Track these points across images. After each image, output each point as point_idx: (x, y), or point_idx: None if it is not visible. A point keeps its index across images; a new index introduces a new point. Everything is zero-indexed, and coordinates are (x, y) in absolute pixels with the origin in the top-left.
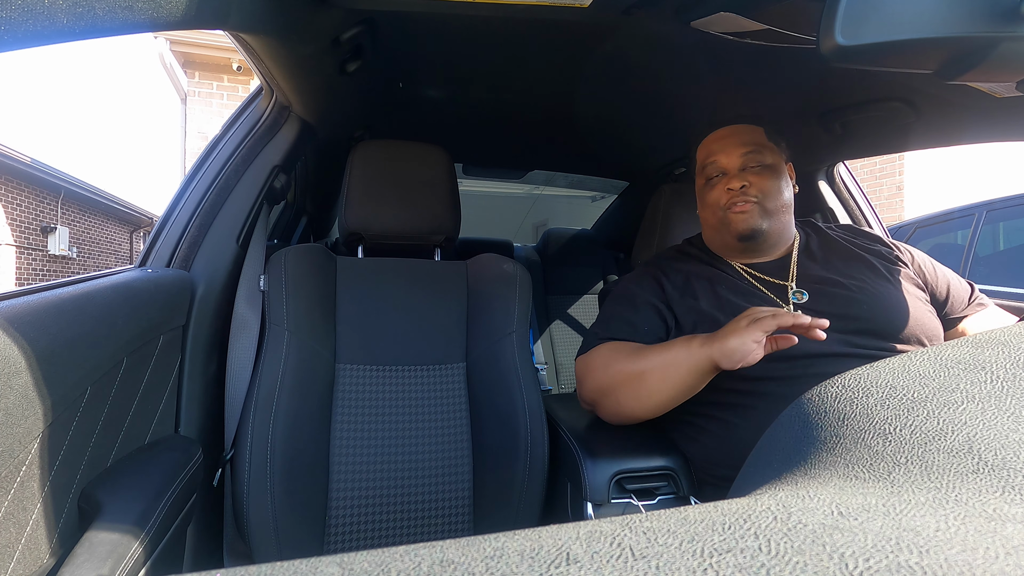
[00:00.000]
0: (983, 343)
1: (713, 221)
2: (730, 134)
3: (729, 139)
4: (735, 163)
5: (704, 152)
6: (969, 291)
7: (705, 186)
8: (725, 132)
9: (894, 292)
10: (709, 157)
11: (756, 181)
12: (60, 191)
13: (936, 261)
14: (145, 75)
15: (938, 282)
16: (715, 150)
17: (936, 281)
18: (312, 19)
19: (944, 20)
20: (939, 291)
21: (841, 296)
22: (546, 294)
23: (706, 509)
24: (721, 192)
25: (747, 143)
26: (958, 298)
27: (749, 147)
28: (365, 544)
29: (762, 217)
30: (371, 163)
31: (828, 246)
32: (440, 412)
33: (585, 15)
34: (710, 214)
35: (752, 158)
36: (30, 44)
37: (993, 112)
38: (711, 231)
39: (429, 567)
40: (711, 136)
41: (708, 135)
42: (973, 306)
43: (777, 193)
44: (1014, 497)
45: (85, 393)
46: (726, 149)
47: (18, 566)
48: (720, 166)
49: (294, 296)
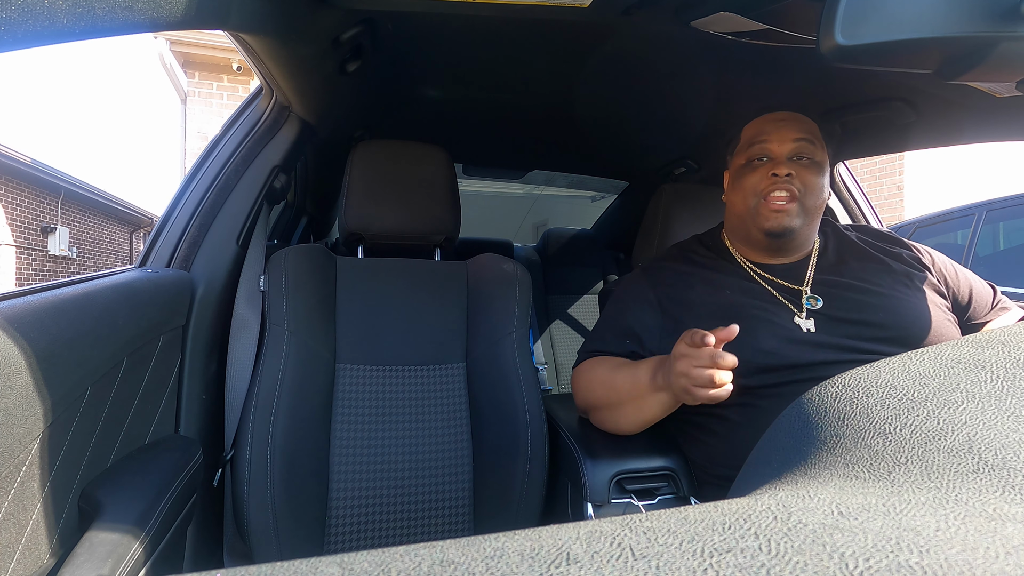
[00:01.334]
0: (983, 343)
1: (742, 208)
2: (788, 118)
3: (786, 123)
4: (786, 150)
5: (755, 131)
6: (992, 294)
7: (745, 167)
8: (782, 116)
9: (912, 298)
10: (760, 136)
11: (802, 174)
12: (60, 191)
13: (957, 263)
14: (145, 75)
15: (960, 286)
16: (768, 131)
17: (958, 285)
18: (312, 19)
19: (944, 20)
20: (961, 295)
21: (857, 301)
22: (546, 294)
23: (706, 509)
24: (762, 177)
25: (803, 132)
26: (980, 302)
27: (804, 136)
28: (365, 544)
29: (799, 216)
30: (371, 163)
31: (845, 249)
32: (440, 412)
33: (585, 15)
34: (741, 200)
35: (804, 148)
36: (30, 44)
37: (993, 112)
38: (736, 219)
39: (429, 567)
40: (766, 116)
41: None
42: (996, 310)
43: (819, 192)
44: (1014, 497)
45: (85, 393)
46: (780, 132)
47: (18, 566)
48: (768, 149)
49: (294, 296)
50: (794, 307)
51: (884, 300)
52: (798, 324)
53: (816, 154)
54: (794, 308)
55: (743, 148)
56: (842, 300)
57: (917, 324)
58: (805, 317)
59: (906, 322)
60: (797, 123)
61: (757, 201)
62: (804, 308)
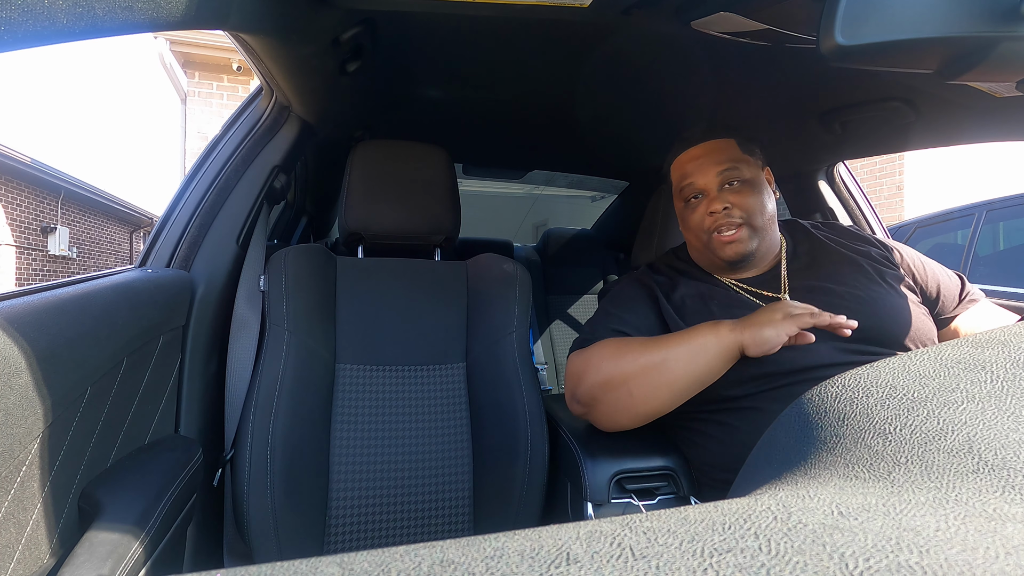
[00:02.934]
0: (983, 343)
1: (698, 244)
2: (703, 153)
3: (703, 158)
4: (713, 183)
5: (678, 174)
6: (960, 286)
7: (685, 208)
8: (698, 151)
9: (886, 296)
10: (685, 179)
11: (738, 201)
12: (60, 191)
13: (925, 257)
14: (145, 75)
15: (928, 280)
16: (690, 171)
17: (926, 280)
18: (312, 19)
19: (944, 20)
20: (929, 290)
21: (834, 304)
22: (546, 294)
23: (706, 509)
24: (703, 215)
25: (722, 161)
26: (949, 296)
27: (725, 164)
28: (365, 544)
29: (751, 238)
30: (371, 163)
31: (816, 250)
32: (440, 412)
33: (585, 15)
34: (694, 237)
35: (729, 175)
36: (30, 44)
37: (993, 112)
38: (697, 252)
39: (429, 567)
40: (683, 156)
41: (679, 154)
42: (964, 303)
43: (761, 209)
44: (1014, 497)
45: (85, 393)
46: (701, 169)
47: (18, 566)
48: (697, 187)
49: (294, 296)
50: None
51: (859, 301)
52: None
53: (744, 173)
54: None
55: (676, 191)
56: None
57: (895, 321)
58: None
59: (884, 320)
60: (715, 153)
61: (708, 237)
62: None
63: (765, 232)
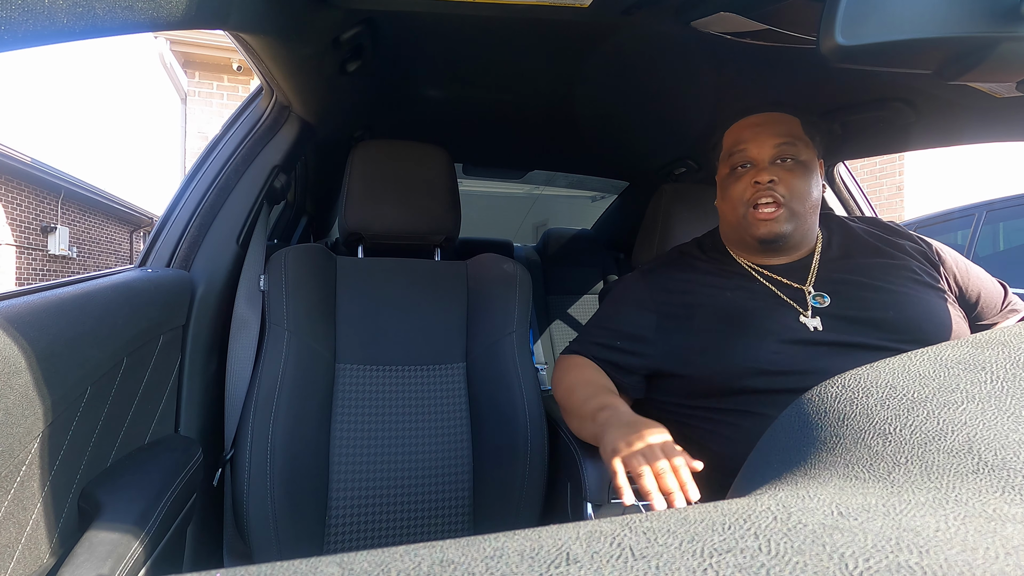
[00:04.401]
0: (983, 343)
1: (732, 217)
2: (764, 122)
3: (763, 127)
4: (766, 154)
5: (733, 138)
6: (1003, 294)
7: (729, 176)
8: (759, 119)
9: (922, 294)
10: (738, 144)
11: (786, 178)
12: (60, 191)
13: (970, 262)
14: (145, 75)
15: (969, 284)
16: (746, 138)
17: (967, 283)
18: (312, 19)
19: (944, 20)
20: (969, 293)
21: (865, 299)
22: (546, 294)
23: (706, 509)
24: (746, 185)
25: (781, 134)
26: (990, 302)
27: (783, 138)
28: (365, 544)
29: (788, 221)
30: (371, 163)
31: (852, 243)
32: (440, 412)
33: (585, 15)
34: (730, 209)
35: (785, 150)
36: (30, 44)
37: (993, 112)
38: (729, 227)
39: (429, 567)
40: (743, 122)
41: (739, 120)
42: (1005, 312)
43: (806, 194)
44: (1014, 497)
45: (85, 393)
46: (758, 138)
47: (18, 566)
48: (749, 156)
49: (294, 296)
50: (799, 306)
51: (893, 297)
52: (803, 323)
53: (800, 153)
54: (799, 307)
55: (725, 156)
56: (850, 298)
57: (928, 321)
58: (811, 316)
59: (917, 320)
60: (776, 125)
61: (745, 210)
62: (809, 306)
63: (803, 219)
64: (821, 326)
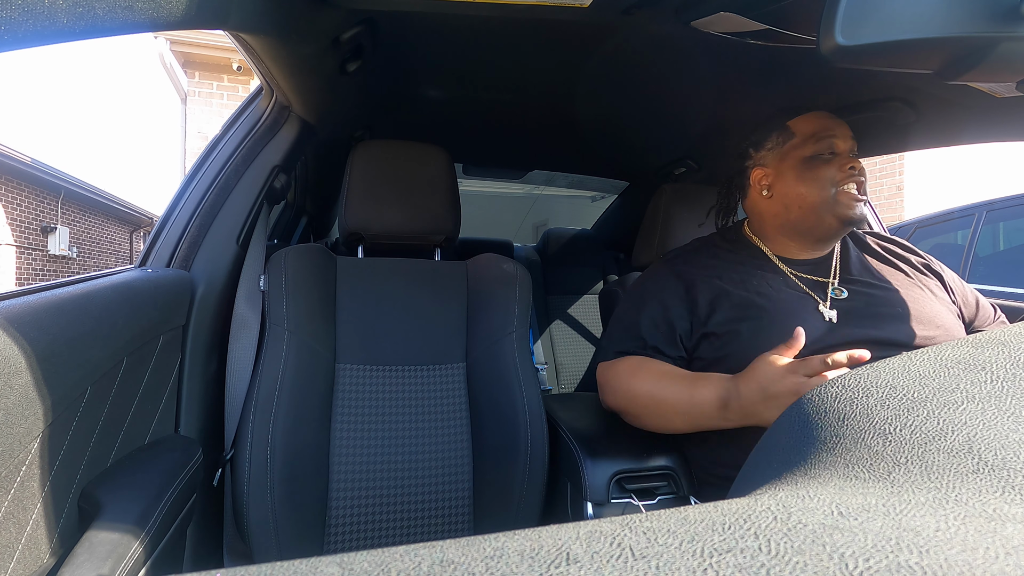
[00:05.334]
0: (983, 343)
1: (816, 199)
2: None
3: (843, 126)
4: (848, 146)
5: (818, 125)
6: (993, 311)
7: (812, 159)
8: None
9: (930, 300)
10: (826, 131)
11: (862, 170)
12: (60, 191)
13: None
14: (145, 75)
15: (967, 298)
16: (832, 127)
17: (966, 295)
18: (312, 19)
19: (944, 20)
20: (969, 304)
21: (879, 298)
22: (546, 294)
23: (706, 509)
24: (839, 169)
25: (851, 136)
26: (984, 316)
27: (853, 141)
28: (365, 544)
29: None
30: (371, 163)
31: (864, 250)
32: (440, 412)
33: (585, 15)
34: (816, 191)
35: (855, 147)
36: (30, 44)
37: (993, 112)
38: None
39: (429, 567)
40: (823, 113)
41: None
42: (997, 323)
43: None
44: (1014, 497)
45: (85, 393)
46: (843, 128)
47: (18, 566)
48: (835, 144)
49: (294, 296)
50: (818, 297)
51: (904, 299)
52: (821, 313)
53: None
54: (818, 298)
55: (807, 142)
56: (865, 295)
57: (936, 323)
58: (829, 307)
59: (925, 321)
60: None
61: (835, 190)
62: (829, 298)
63: None
64: (836, 319)
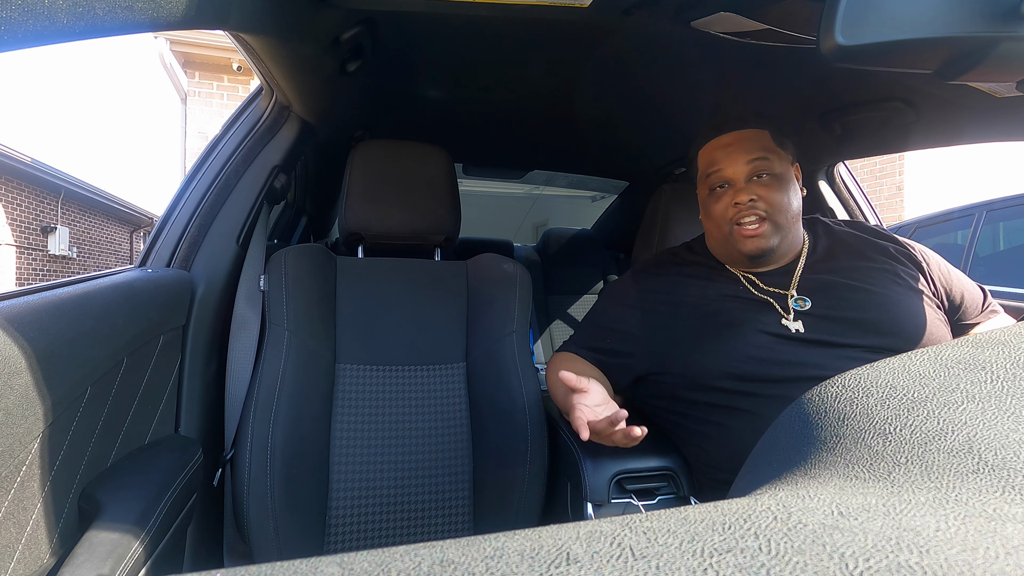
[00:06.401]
0: (983, 343)
1: (718, 235)
2: (735, 141)
3: (734, 147)
4: (741, 173)
5: (706, 159)
6: (982, 297)
7: (709, 196)
8: (729, 139)
9: (904, 296)
10: (713, 166)
11: (764, 194)
12: (60, 191)
13: (951, 265)
14: (145, 75)
15: (952, 286)
16: (718, 159)
17: (950, 285)
18: (312, 19)
19: (944, 20)
20: (953, 295)
21: (847, 299)
22: (546, 294)
23: (706, 509)
24: (727, 205)
25: (753, 150)
26: (971, 304)
27: (756, 155)
28: (365, 544)
29: (773, 235)
30: (371, 163)
31: (836, 247)
32: (440, 412)
33: (585, 15)
34: (715, 227)
35: (759, 166)
36: (30, 44)
37: (993, 112)
38: (715, 243)
39: (429, 567)
40: (714, 143)
41: (710, 140)
42: (986, 313)
43: (787, 206)
44: (1014, 497)
45: (85, 393)
46: (731, 157)
47: (18, 566)
48: (724, 176)
49: (294, 296)
50: (782, 310)
51: (875, 298)
52: (786, 326)
53: (774, 167)
54: (782, 311)
55: (702, 177)
56: (831, 299)
57: (909, 322)
58: (793, 319)
59: (898, 320)
60: (747, 142)
61: (729, 228)
62: (791, 310)
63: (787, 230)
64: (803, 328)
